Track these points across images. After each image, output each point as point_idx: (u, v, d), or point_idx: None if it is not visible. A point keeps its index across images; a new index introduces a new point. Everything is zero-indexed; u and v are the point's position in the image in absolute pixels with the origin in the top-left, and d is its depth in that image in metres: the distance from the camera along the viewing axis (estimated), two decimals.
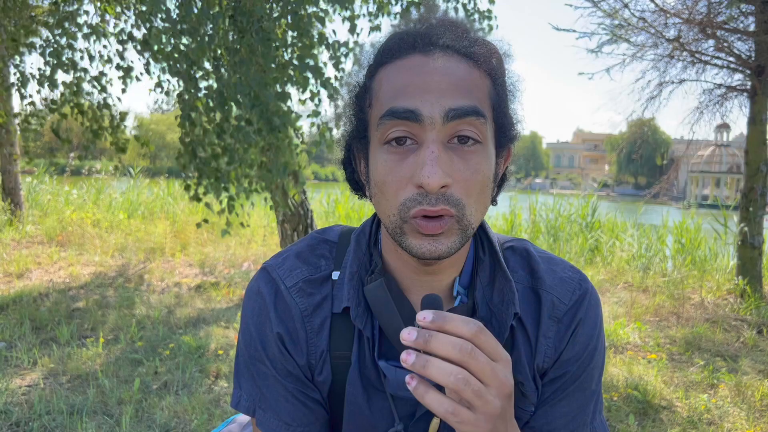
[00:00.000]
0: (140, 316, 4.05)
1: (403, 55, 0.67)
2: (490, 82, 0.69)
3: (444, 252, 0.66)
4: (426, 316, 0.55)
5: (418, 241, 0.66)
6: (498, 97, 0.69)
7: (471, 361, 0.54)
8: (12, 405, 2.64)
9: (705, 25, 4.57)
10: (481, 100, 0.66)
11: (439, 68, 0.65)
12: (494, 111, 0.69)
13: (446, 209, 0.64)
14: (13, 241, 6.61)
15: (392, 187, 0.66)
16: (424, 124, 0.64)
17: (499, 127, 0.70)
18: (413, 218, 0.65)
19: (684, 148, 6.42)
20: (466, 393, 0.54)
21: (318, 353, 0.77)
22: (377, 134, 0.68)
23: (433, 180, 0.62)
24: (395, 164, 0.66)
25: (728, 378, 3.25)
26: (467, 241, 0.68)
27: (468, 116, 0.64)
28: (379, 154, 0.68)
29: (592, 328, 0.79)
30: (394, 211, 0.66)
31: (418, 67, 0.65)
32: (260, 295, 0.79)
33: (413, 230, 0.66)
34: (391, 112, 0.65)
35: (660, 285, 5.44)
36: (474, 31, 0.72)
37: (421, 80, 0.65)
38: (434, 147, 0.63)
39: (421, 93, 0.64)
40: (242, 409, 0.79)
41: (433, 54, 0.66)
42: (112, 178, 11.60)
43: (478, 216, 0.68)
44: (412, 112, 0.64)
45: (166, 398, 2.77)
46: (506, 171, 0.77)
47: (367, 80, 0.71)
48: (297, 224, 5.13)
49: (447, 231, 0.65)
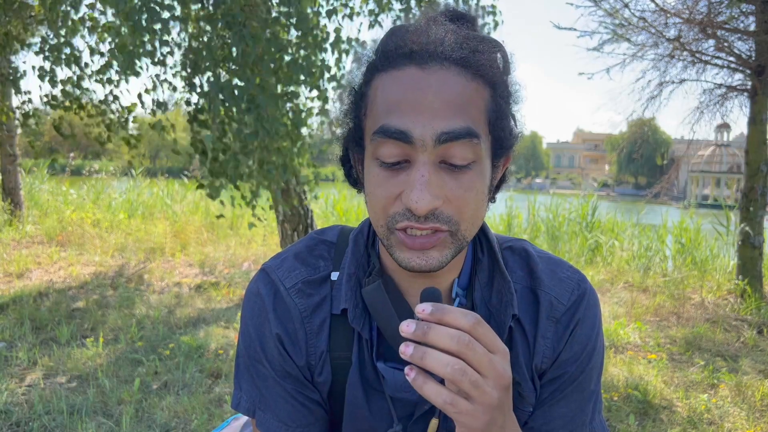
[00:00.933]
0: (140, 316, 4.05)
1: (399, 66, 0.66)
2: (489, 92, 0.67)
3: (435, 266, 0.66)
4: (425, 308, 0.56)
5: (406, 255, 0.66)
6: (496, 108, 0.68)
7: (469, 353, 0.55)
8: (12, 405, 2.64)
9: (705, 25, 4.57)
10: (476, 117, 0.65)
11: (434, 85, 0.63)
12: (491, 125, 0.68)
13: (437, 227, 0.64)
14: (13, 241, 6.61)
15: (381, 202, 0.66)
16: (415, 145, 0.63)
17: (495, 139, 0.69)
18: (399, 230, 0.65)
19: (684, 148, 6.42)
20: (463, 384, 0.54)
21: (318, 354, 0.77)
22: (370, 148, 0.67)
23: (421, 205, 0.62)
24: (386, 180, 0.65)
25: (728, 378, 3.25)
26: (460, 252, 0.68)
27: (461, 139, 0.63)
28: (372, 167, 0.67)
29: (591, 328, 0.79)
30: (382, 222, 0.67)
31: (413, 83, 0.64)
32: (259, 297, 0.79)
33: (399, 243, 0.66)
34: (382, 130, 0.64)
35: (660, 285, 5.44)
36: (477, 24, 0.70)
37: (414, 98, 0.63)
38: (424, 170, 0.63)
39: (414, 113, 0.63)
40: (242, 410, 0.80)
41: (430, 68, 0.64)
42: (112, 178, 11.60)
43: (474, 229, 0.68)
44: (403, 133, 0.63)
45: (166, 398, 2.77)
46: (506, 172, 0.76)
47: (364, 85, 0.71)
48: (297, 224, 5.13)
49: (440, 244, 0.65)
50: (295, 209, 5.06)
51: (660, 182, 6.78)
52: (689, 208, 9.02)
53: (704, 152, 36.41)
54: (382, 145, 0.65)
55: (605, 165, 72.75)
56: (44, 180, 10.18)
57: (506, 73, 0.70)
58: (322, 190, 9.36)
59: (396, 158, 0.65)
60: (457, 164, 0.64)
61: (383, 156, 0.65)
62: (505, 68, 0.70)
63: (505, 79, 0.70)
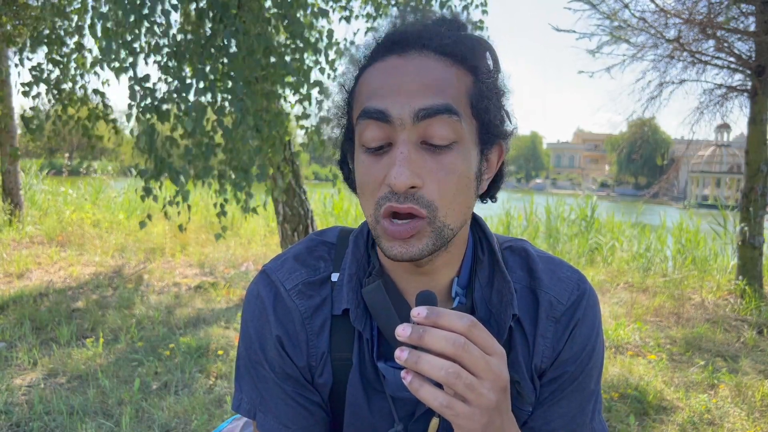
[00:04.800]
0: (140, 316, 4.05)
1: (381, 58, 0.68)
2: (471, 78, 0.68)
3: (416, 254, 0.66)
4: (420, 311, 0.56)
5: (389, 244, 0.67)
6: (479, 94, 0.68)
7: (464, 355, 0.55)
8: (12, 405, 2.64)
9: (705, 26, 4.57)
10: (457, 98, 0.66)
11: (412, 69, 0.65)
12: (474, 108, 0.68)
13: (415, 208, 0.64)
14: (13, 241, 6.61)
15: (368, 188, 0.67)
16: (394, 124, 0.64)
17: (482, 123, 0.69)
18: (384, 218, 0.66)
19: (684, 148, 6.42)
20: (458, 387, 0.54)
21: (318, 355, 0.77)
22: (357, 136, 0.69)
23: (400, 180, 0.62)
24: (371, 165, 0.67)
25: (728, 378, 3.25)
26: (446, 242, 0.68)
27: (439, 114, 0.64)
28: (359, 156, 0.69)
29: (591, 328, 0.79)
30: (371, 211, 0.68)
31: (393, 69, 0.66)
32: (259, 299, 0.79)
33: (384, 232, 0.67)
34: (364, 112, 0.66)
35: (660, 285, 5.45)
36: (465, 28, 0.72)
37: (393, 81, 0.65)
38: (404, 147, 0.64)
39: (393, 94, 0.65)
40: (243, 412, 0.80)
41: (408, 55, 0.66)
42: (110, 178, 11.59)
43: (456, 216, 0.68)
44: (381, 113, 0.64)
45: (166, 398, 2.77)
46: (502, 167, 0.76)
47: (353, 84, 0.73)
48: (297, 224, 5.14)
49: (418, 234, 0.66)
50: (296, 209, 5.06)
51: (659, 182, 6.78)
52: (689, 208, 9.03)
53: (704, 152, 36.42)
54: (365, 129, 0.66)
55: (605, 165, 72.74)
56: (40, 180, 10.17)
57: (496, 69, 0.71)
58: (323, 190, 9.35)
59: (379, 142, 0.66)
60: (437, 144, 0.65)
61: (367, 141, 0.67)
62: (495, 66, 0.72)
63: (492, 72, 0.71)
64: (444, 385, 0.56)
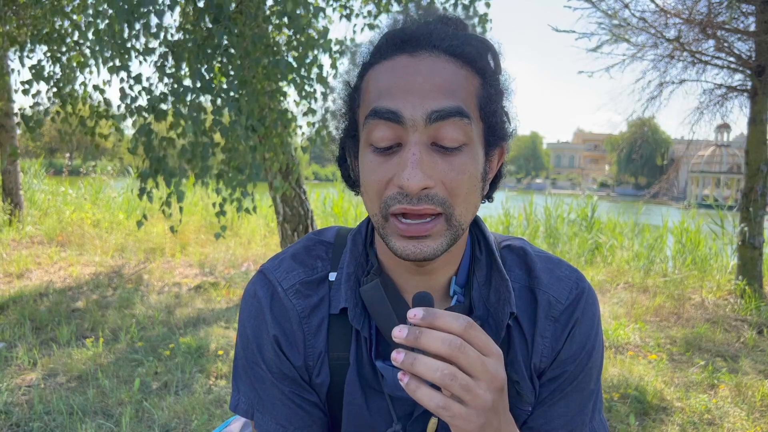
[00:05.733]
0: (140, 316, 4.05)
1: (390, 56, 0.67)
2: (479, 80, 0.68)
3: (430, 254, 0.66)
4: (416, 313, 0.56)
5: (401, 243, 0.66)
6: (487, 96, 0.68)
7: (461, 356, 0.55)
8: (12, 405, 2.64)
9: (705, 26, 4.57)
10: (467, 100, 0.66)
11: (424, 70, 0.65)
12: (482, 110, 0.68)
13: (431, 208, 0.64)
14: (13, 241, 6.61)
15: (375, 187, 0.67)
16: (406, 125, 0.64)
17: (488, 126, 0.69)
18: (393, 216, 0.65)
19: (684, 148, 6.42)
20: (453, 388, 0.54)
21: (316, 354, 0.77)
22: (364, 134, 0.68)
23: (413, 182, 0.62)
24: (379, 165, 0.66)
25: (728, 378, 3.24)
26: (456, 242, 0.68)
27: (451, 117, 0.64)
28: (365, 155, 0.68)
29: (590, 327, 0.79)
30: (377, 210, 0.67)
31: (404, 69, 0.65)
32: (257, 299, 0.79)
33: (394, 232, 0.66)
34: (374, 112, 0.65)
35: (660, 285, 5.44)
36: (468, 29, 0.72)
37: (405, 82, 0.65)
38: (416, 149, 0.63)
39: (405, 94, 0.64)
40: (241, 412, 0.80)
41: (419, 55, 0.66)
42: (110, 178, 11.57)
43: (467, 216, 0.68)
44: (394, 113, 0.64)
45: (166, 398, 2.77)
46: (501, 168, 0.76)
47: (357, 80, 0.72)
48: (297, 224, 5.13)
49: (435, 233, 0.65)
50: (296, 209, 5.06)
51: (659, 182, 6.78)
52: (689, 208, 9.02)
53: (704, 152, 36.41)
54: (374, 129, 0.66)
55: (605, 165, 72.73)
56: (40, 180, 10.16)
57: (497, 71, 0.71)
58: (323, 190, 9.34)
59: (388, 142, 0.65)
60: (448, 146, 0.65)
61: (376, 140, 0.66)
62: (496, 67, 0.72)
63: (496, 73, 0.71)
64: (440, 387, 0.56)
